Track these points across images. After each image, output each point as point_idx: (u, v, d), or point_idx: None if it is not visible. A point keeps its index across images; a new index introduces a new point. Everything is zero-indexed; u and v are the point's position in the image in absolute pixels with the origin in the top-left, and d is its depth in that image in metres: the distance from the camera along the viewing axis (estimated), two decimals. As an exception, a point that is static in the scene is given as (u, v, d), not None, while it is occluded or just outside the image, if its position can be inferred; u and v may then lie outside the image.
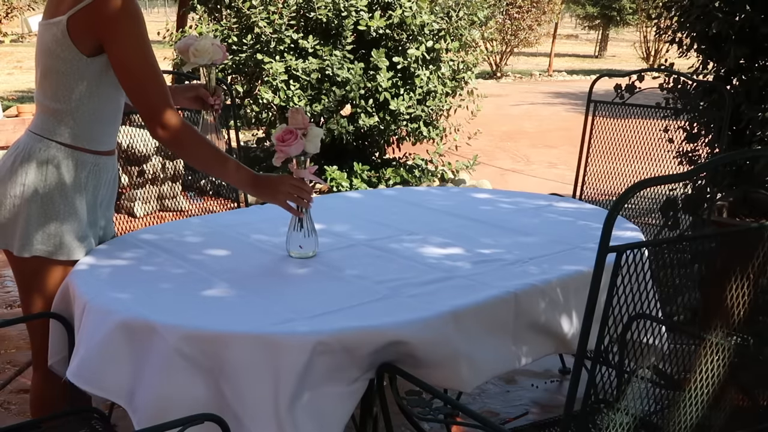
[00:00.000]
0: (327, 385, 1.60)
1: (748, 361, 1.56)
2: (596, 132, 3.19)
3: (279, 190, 2.02)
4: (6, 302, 3.98)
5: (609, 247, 1.33)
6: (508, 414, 2.85)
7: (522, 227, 2.34)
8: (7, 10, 11.85)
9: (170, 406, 1.58)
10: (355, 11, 5.47)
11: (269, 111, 5.72)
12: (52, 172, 1.96)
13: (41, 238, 1.96)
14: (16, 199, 1.96)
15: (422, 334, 1.65)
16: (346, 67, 5.48)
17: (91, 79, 1.95)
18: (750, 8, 3.33)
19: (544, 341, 1.92)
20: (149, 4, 37.94)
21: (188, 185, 5.09)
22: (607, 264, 1.34)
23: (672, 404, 1.57)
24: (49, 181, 1.96)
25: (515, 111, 10.64)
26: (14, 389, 2.99)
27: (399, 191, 2.97)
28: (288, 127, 1.94)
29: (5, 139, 7.52)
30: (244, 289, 1.84)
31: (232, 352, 1.58)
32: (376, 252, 2.10)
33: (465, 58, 6.10)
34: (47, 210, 1.96)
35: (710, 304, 1.55)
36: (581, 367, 1.42)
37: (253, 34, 5.55)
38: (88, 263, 1.97)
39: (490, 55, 15.26)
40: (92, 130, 2.01)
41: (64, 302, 1.92)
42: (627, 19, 20.76)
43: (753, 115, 3.34)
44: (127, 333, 1.66)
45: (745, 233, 1.62)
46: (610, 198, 3.17)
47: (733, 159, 1.58)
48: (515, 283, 1.86)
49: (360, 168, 5.80)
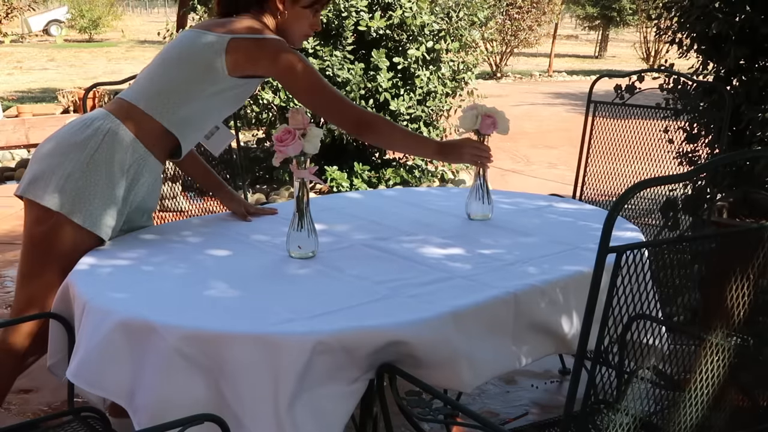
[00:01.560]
0: (327, 385, 1.60)
1: (748, 361, 1.56)
2: (596, 132, 3.19)
3: (463, 152, 2.34)
4: (6, 302, 3.98)
5: (609, 247, 1.33)
6: (508, 414, 2.85)
7: (522, 228, 2.34)
8: (7, 11, 11.86)
9: (170, 407, 1.58)
10: (355, 12, 5.48)
11: (269, 111, 5.72)
12: (109, 148, 2.11)
13: (77, 201, 2.07)
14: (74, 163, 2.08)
15: (422, 335, 1.65)
16: (346, 67, 5.48)
17: (214, 92, 2.18)
18: (750, 9, 3.33)
19: (543, 341, 1.91)
20: (149, 4, 37.95)
21: (188, 185, 5.08)
22: (607, 264, 1.34)
23: (672, 405, 1.57)
24: (101, 153, 2.10)
25: (515, 111, 10.64)
26: (14, 389, 2.97)
27: (399, 191, 2.97)
28: (287, 127, 1.94)
29: (5, 140, 7.52)
30: (244, 289, 1.84)
31: (232, 352, 1.58)
32: (376, 252, 2.10)
33: (465, 58, 6.10)
34: (91, 177, 2.09)
35: (710, 305, 1.55)
36: (581, 368, 1.42)
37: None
38: (88, 263, 1.97)
39: (490, 56, 15.26)
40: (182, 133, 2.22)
41: (64, 302, 1.92)
42: (627, 19, 20.75)
43: (753, 115, 3.34)
44: (126, 333, 1.66)
45: (745, 234, 1.62)
46: (610, 198, 3.17)
47: (733, 159, 1.58)
48: (515, 283, 1.86)
49: (360, 168, 5.80)
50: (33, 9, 14.64)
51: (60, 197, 2.06)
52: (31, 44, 22.93)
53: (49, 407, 2.84)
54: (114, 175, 2.12)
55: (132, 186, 2.17)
